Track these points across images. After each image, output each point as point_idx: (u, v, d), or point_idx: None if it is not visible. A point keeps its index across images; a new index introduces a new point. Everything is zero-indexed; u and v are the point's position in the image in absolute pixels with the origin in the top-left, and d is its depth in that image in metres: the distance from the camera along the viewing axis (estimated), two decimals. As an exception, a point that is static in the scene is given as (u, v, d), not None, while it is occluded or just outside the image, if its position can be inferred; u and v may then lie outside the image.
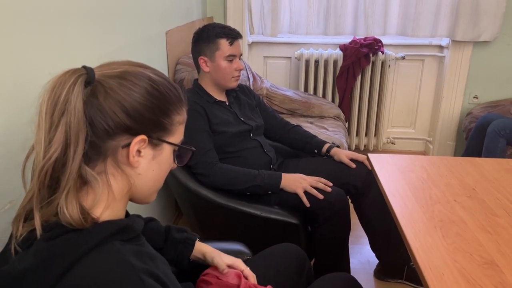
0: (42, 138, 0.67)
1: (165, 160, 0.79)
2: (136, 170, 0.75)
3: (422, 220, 1.12)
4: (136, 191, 0.78)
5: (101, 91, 0.70)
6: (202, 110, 1.72)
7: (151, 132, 0.74)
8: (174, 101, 0.78)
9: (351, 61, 2.99)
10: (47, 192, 0.68)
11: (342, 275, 1.26)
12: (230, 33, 1.75)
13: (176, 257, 1.11)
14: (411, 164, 1.46)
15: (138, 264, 0.67)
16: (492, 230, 1.08)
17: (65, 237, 0.66)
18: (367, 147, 3.31)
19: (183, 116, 0.81)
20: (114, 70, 0.73)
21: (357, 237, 2.23)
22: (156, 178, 0.80)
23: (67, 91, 0.67)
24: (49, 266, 0.64)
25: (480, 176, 1.38)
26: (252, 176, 1.68)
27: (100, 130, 0.69)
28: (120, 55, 1.61)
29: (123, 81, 0.72)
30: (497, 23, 2.85)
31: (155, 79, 0.75)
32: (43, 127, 0.67)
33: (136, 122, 0.72)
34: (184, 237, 1.13)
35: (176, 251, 1.11)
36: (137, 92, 0.72)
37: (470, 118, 2.94)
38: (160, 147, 0.77)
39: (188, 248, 1.13)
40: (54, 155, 0.66)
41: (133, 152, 0.72)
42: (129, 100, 0.71)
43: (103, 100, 0.69)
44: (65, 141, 0.66)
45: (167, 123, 0.77)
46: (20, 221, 0.70)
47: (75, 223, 0.66)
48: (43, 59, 1.13)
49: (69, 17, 1.25)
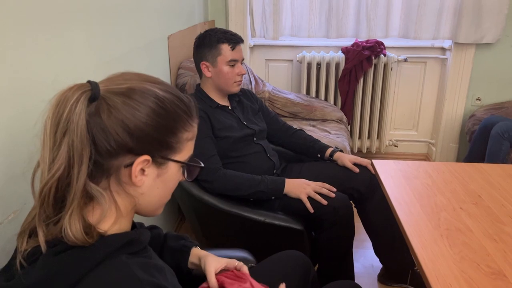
0: (46, 156, 0.66)
1: (171, 178, 0.78)
2: (139, 189, 0.74)
3: (428, 228, 1.11)
4: (141, 207, 0.78)
5: (104, 109, 0.68)
6: (205, 115, 1.72)
7: (156, 152, 0.73)
8: (182, 119, 0.75)
9: (353, 64, 2.99)
10: (52, 210, 0.68)
11: (348, 283, 1.25)
12: (232, 38, 1.75)
13: (174, 266, 1.07)
14: (415, 170, 1.45)
15: (145, 277, 0.67)
16: (499, 238, 1.07)
17: (71, 252, 0.65)
18: (370, 149, 3.30)
19: (193, 132, 0.79)
20: (120, 85, 0.71)
21: (360, 241, 2.23)
22: (161, 194, 0.79)
23: (69, 110, 0.66)
24: (56, 281, 0.64)
25: (485, 182, 1.37)
26: (256, 181, 1.68)
27: (102, 150, 0.68)
28: (123, 60, 1.61)
29: (128, 99, 0.69)
30: (499, 25, 2.84)
31: (162, 96, 0.73)
32: (47, 144, 0.66)
33: (139, 142, 0.70)
34: (180, 245, 1.10)
35: (173, 260, 1.08)
36: (141, 112, 0.70)
37: (473, 121, 2.93)
38: (165, 165, 0.75)
39: (184, 256, 1.09)
40: (57, 173, 0.65)
41: (136, 172, 0.71)
42: (133, 120, 0.69)
43: (106, 119, 0.68)
44: (68, 160, 0.66)
45: (173, 141, 0.75)
46: (25, 237, 0.69)
47: (80, 242, 0.66)
48: (46, 67, 1.12)
49: (71, 23, 1.25)
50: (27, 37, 1.04)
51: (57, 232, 0.66)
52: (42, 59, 1.10)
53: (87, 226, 0.68)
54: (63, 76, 1.19)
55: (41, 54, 1.10)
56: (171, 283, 0.73)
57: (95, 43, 1.40)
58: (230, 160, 1.77)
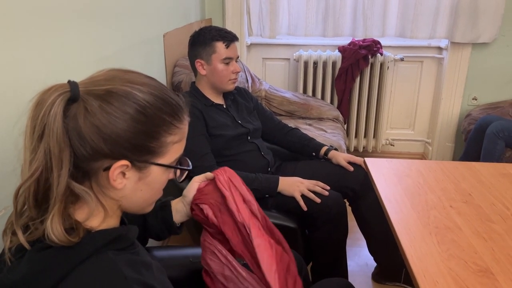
0: (27, 157, 0.66)
1: (155, 180, 0.76)
2: (119, 192, 0.72)
3: (418, 226, 1.11)
4: (126, 208, 0.77)
5: (81, 113, 0.66)
6: (199, 113, 1.72)
7: (135, 157, 0.70)
8: (166, 123, 0.72)
9: (350, 63, 2.99)
10: (36, 212, 0.67)
11: (338, 281, 1.25)
12: (226, 36, 1.75)
13: (162, 224, 1.09)
14: (407, 169, 1.46)
15: (131, 274, 0.67)
16: (488, 236, 1.08)
17: (57, 248, 0.65)
18: (366, 148, 3.31)
19: (180, 134, 0.76)
20: (100, 87, 0.68)
21: (355, 239, 2.23)
22: (146, 196, 0.77)
23: (44, 112, 0.64)
24: (41, 277, 0.64)
25: (476, 181, 1.37)
26: (250, 179, 1.68)
27: (79, 154, 0.66)
28: (118, 57, 1.61)
29: (105, 104, 0.67)
30: (496, 24, 2.84)
31: (143, 101, 0.69)
32: (27, 145, 0.66)
33: (116, 148, 0.68)
34: (158, 203, 1.09)
35: (158, 218, 1.08)
36: (118, 118, 0.67)
37: (469, 120, 2.93)
38: (146, 169, 0.73)
39: (167, 210, 1.09)
40: (35, 175, 0.64)
41: (114, 176, 0.69)
42: (109, 126, 0.66)
43: (82, 123, 0.66)
44: (45, 164, 0.64)
45: (154, 146, 0.72)
46: (9, 234, 0.69)
47: (65, 244, 0.65)
48: (40, 62, 1.13)
49: (66, 19, 1.25)
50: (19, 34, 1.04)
51: (40, 234, 0.66)
52: (34, 56, 1.11)
53: (73, 223, 0.67)
54: (56, 74, 1.20)
55: (33, 51, 1.10)
56: (159, 281, 0.73)
57: (91, 40, 1.41)
58: (224, 159, 1.77)
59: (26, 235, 0.67)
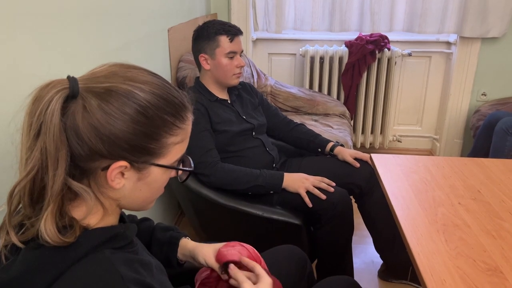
0: (23, 155, 0.64)
1: (155, 180, 0.73)
2: (118, 192, 0.70)
3: (425, 224, 1.09)
4: (125, 207, 0.76)
5: (79, 112, 0.64)
6: (203, 108, 1.70)
7: (134, 158, 0.68)
8: (167, 123, 0.70)
9: (357, 58, 2.95)
10: (32, 211, 0.66)
11: (344, 279, 1.23)
12: (230, 30, 1.73)
13: (163, 259, 1.04)
14: (414, 165, 1.43)
15: (128, 274, 0.65)
16: (497, 234, 1.05)
17: (53, 246, 0.64)
18: (373, 145, 3.27)
19: (182, 135, 0.73)
20: (100, 84, 0.66)
21: (361, 236, 2.21)
22: (145, 196, 0.75)
23: (41, 110, 0.62)
24: (36, 276, 0.63)
25: (486, 177, 1.34)
26: (254, 176, 1.66)
27: (76, 153, 0.65)
28: (122, 52, 1.59)
29: (104, 103, 0.64)
30: (505, 19, 2.79)
31: (143, 101, 0.67)
32: (24, 142, 0.64)
33: (114, 149, 0.66)
34: (168, 236, 1.06)
35: (162, 253, 1.05)
36: (118, 119, 0.65)
37: (478, 116, 2.89)
38: (146, 170, 0.71)
39: (173, 248, 1.05)
40: (30, 174, 0.63)
41: (112, 176, 0.67)
42: (107, 127, 0.64)
43: (80, 122, 0.63)
44: (41, 163, 0.63)
45: (155, 147, 0.70)
46: (4, 232, 0.68)
47: (59, 244, 0.64)
48: (42, 57, 1.11)
49: (70, 14, 1.23)
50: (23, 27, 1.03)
51: (35, 233, 0.65)
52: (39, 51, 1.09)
53: (71, 221, 0.66)
54: (59, 68, 1.18)
55: (37, 45, 1.09)
56: (157, 280, 0.71)
57: (95, 35, 1.39)
58: (228, 154, 1.76)
59: (21, 233, 0.66)
